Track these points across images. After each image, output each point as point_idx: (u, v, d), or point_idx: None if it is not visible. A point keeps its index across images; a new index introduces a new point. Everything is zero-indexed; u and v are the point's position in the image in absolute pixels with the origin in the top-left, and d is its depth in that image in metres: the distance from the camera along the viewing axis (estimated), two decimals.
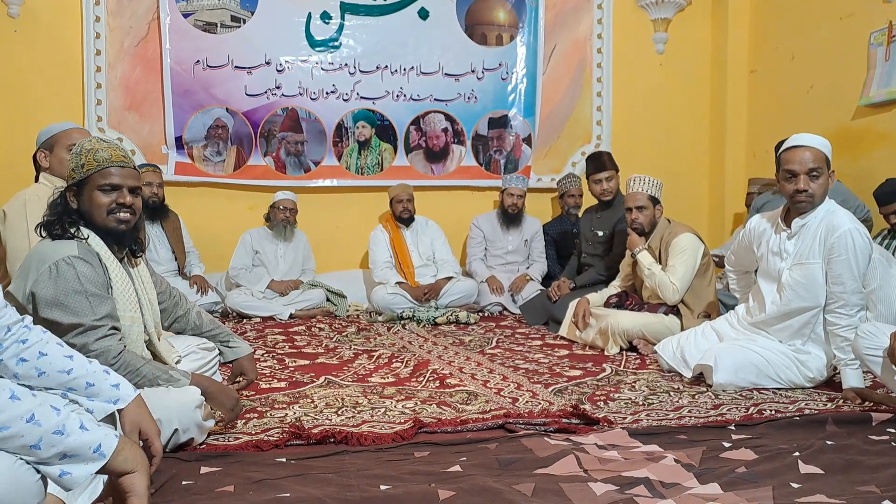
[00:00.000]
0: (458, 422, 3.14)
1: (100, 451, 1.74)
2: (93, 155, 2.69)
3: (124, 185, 2.72)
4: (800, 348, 3.83)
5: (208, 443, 2.85)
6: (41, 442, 1.68)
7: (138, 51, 6.97)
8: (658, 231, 5.06)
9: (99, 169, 2.68)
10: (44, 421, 1.70)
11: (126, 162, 2.74)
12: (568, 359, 4.70)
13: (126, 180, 2.72)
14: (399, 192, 7.06)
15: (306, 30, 7.28)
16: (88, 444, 1.73)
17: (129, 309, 2.77)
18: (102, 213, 2.70)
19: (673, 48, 8.00)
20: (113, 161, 2.69)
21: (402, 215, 7.03)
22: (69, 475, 1.71)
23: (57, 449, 1.69)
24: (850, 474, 2.43)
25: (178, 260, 6.68)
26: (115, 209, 2.71)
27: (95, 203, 2.70)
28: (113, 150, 2.72)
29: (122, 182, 2.71)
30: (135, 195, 2.77)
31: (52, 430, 1.70)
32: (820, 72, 6.71)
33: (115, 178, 2.70)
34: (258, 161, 7.25)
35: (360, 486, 2.34)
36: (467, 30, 7.61)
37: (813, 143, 3.70)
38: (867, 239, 3.66)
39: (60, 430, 1.71)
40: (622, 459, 2.61)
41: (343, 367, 4.46)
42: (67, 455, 1.71)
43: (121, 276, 2.77)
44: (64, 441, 1.70)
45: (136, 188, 2.78)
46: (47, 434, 1.69)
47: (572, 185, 7.25)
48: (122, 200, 2.71)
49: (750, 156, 7.70)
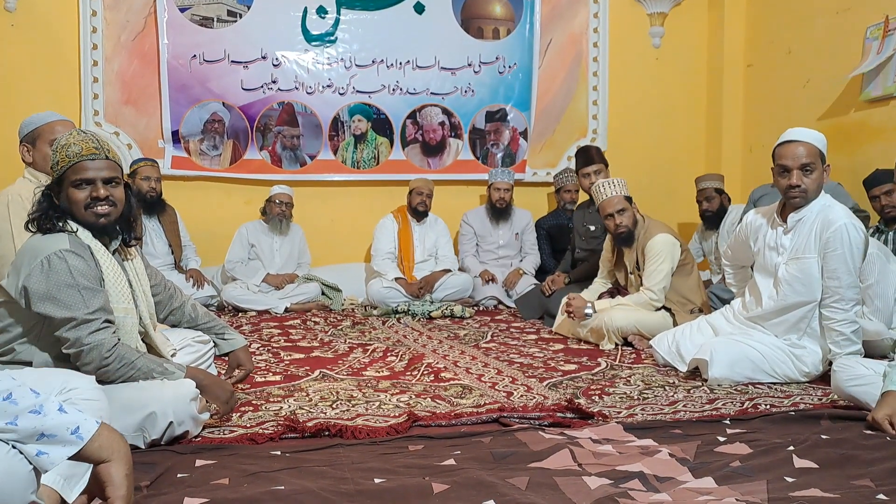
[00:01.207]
0: (453, 415, 3.14)
1: (78, 434, 1.74)
2: (65, 151, 2.65)
3: (97, 178, 2.66)
4: (795, 343, 3.84)
5: (203, 435, 2.85)
6: (17, 420, 1.68)
7: (135, 45, 6.96)
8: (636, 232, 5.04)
9: (71, 164, 2.64)
10: (20, 400, 1.70)
11: (97, 154, 2.67)
12: (563, 353, 4.70)
13: (99, 172, 2.66)
14: (420, 185, 7.06)
15: (302, 24, 7.27)
16: (66, 426, 1.73)
17: (122, 301, 2.76)
18: (80, 209, 2.67)
19: (669, 42, 8.00)
20: (83, 155, 2.64)
21: (419, 207, 7.02)
22: (46, 455, 1.71)
23: (33, 427, 1.69)
24: (844, 468, 2.43)
25: (174, 254, 6.68)
26: (91, 204, 2.67)
27: (72, 200, 2.66)
28: (85, 143, 2.66)
29: (94, 175, 2.65)
30: (112, 185, 2.71)
31: (29, 409, 1.70)
32: (816, 66, 6.71)
33: (88, 173, 2.64)
34: (254, 155, 7.24)
35: (355, 479, 2.34)
36: (463, 24, 7.59)
37: (806, 137, 3.70)
38: (863, 233, 3.68)
39: (37, 409, 1.71)
40: (617, 453, 2.61)
41: (338, 360, 4.46)
42: (45, 434, 1.70)
43: (113, 268, 2.75)
44: (41, 420, 1.70)
45: (112, 178, 2.71)
46: (24, 413, 1.69)
47: (569, 180, 7.23)
48: (95, 194, 2.66)
49: (746, 150, 7.70)
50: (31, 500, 1.73)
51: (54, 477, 1.96)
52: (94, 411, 2.10)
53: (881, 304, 4.22)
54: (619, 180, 5.06)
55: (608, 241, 5.32)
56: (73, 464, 1.84)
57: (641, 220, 5.05)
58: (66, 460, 1.75)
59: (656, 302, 4.85)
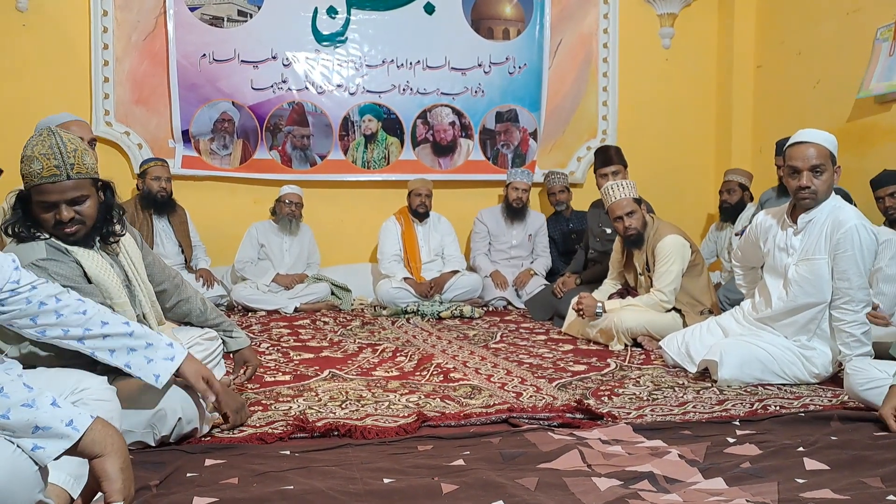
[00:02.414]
0: (462, 416, 3.14)
1: (73, 426, 1.74)
2: (28, 166, 2.52)
3: (60, 202, 2.55)
4: (805, 344, 3.83)
5: (213, 435, 2.86)
6: (10, 413, 1.69)
7: (146, 45, 6.97)
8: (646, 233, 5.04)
9: (33, 185, 2.54)
10: (12, 394, 1.71)
11: (58, 175, 2.51)
12: (572, 354, 4.70)
13: (63, 195, 2.55)
14: (418, 186, 7.06)
15: (313, 24, 7.28)
16: (60, 419, 1.73)
17: (115, 296, 2.74)
18: (49, 227, 2.61)
19: (679, 43, 7.98)
20: (43, 177, 2.50)
21: (419, 209, 7.03)
22: (42, 449, 1.71)
23: (26, 420, 1.70)
24: (855, 469, 2.42)
25: (184, 253, 6.70)
26: (57, 225, 2.59)
27: (40, 217, 2.59)
28: (47, 161, 2.50)
29: (58, 198, 2.55)
30: (79, 203, 2.60)
31: (21, 402, 1.71)
32: (826, 67, 6.69)
33: (51, 196, 2.54)
34: (264, 155, 7.25)
35: (364, 478, 2.34)
36: (473, 24, 7.59)
37: (817, 139, 3.69)
38: (873, 235, 3.66)
39: (29, 403, 1.72)
40: (626, 454, 2.61)
41: (347, 360, 4.47)
42: (40, 428, 1.71)
43: (97, 263, 2.70)
44: (34, 414, 1.70)
45: (77, 197, 2.59)
46: (15, 406, 1.70)
47: (556, 182, 7.23)
48: (59, 217, 2.57)
49: (756, 151, 7.68)
50: (39, 500, 1.74)
51: (64, 476, 1.97)
52: (106, 411, 2.11)
53: (886, 288, 4.12)
54: (629, 182, 5.06)
55: (618, 242, 5.31)
56: (83, 463, 1.85)
57: (651, 221, 5.04)
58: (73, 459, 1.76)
59: (666, 304, 4.84)
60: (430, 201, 7.09)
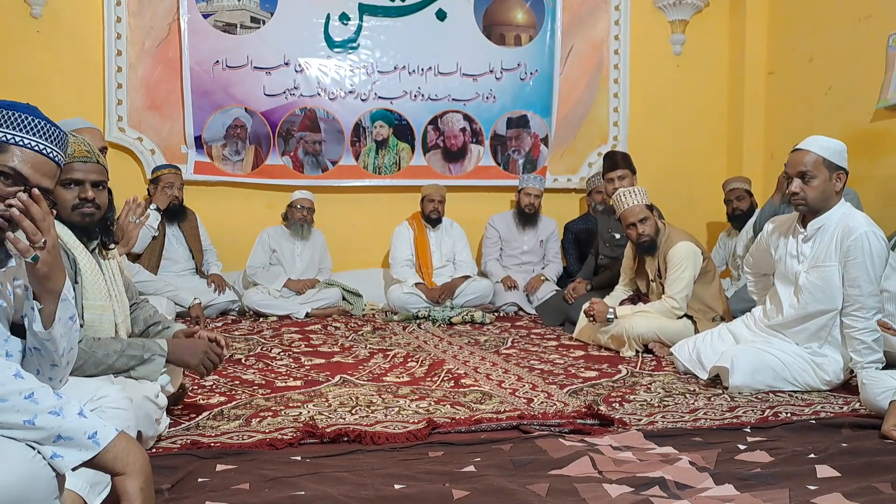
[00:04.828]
0: (473, 422, 3.15)
1: (95, 439, 1.74)
2: None
3: (87, 180, 2.71)
4: (816, 351, 3.82)
5: (223, 441, 2.88)
6: (36, 419, 1.70)
7: (159, 51, 7.01)
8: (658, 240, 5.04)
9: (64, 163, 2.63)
10: (41, 400, 1.72)
11: (89, 157, 2.72)
12: (583, 360, 4.69)
13: (89, 175, 2.71)
14: (432, 192, 7.09)
15: (325, 31, 7.31)
16: (84, 430, 1.74)
17: (99, 298, 2.79)
18: (67, 209, 2.70)
19: (690, 49, 7.97)
20: (76, 157, 2.68)
21: (431, 215, 7.06)
22: (61, 458, 1.72)
23: (51, 428, 1.71)
24: (866, 475, 2.42)
25: (195, 258, 6.71)
26: (78, 204, 2.70)
27: (60, 199, 2.67)
28: (77, 146, 2.70)
29: (84, 177, 2.70)
30: (98, 189, 2.75)
31: (48, 409, 1.72)
32: (838, 74, 6.68)
33: (78, 174, 2.69)
34: (276, 160, 7.28)
35: (375, 484, 2.35)
36: (485, 30, 7.61)
37: (812, 146, 3.71)
38: (884, 241, 3.65)
39: (56, 411, 1.73)
40: (637, 461, 2.61)
41: (358, 366, 4.48)
42: (62, 437, 1.71)
43: (91, 265, 2.77)
44: (60, 422, 1.71)
45: (100, 182, 2.76)
46: (43, 413, 1.71)
47: (599, 182, 7.21)
48: (84, 195, 2.70)
49: (767, 158, 7.67)
50: None
51: (81, 483, 1.98)
52: (122, 420, 2.12)
53: (893, 309, 4.13)
54: (640, 189, 5.06)
55: (629, 248, 5.30)
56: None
57: (663, 227, 5.04)
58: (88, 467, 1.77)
59: (678, 310, 4.84)
60: (443, 207, 7.11)
